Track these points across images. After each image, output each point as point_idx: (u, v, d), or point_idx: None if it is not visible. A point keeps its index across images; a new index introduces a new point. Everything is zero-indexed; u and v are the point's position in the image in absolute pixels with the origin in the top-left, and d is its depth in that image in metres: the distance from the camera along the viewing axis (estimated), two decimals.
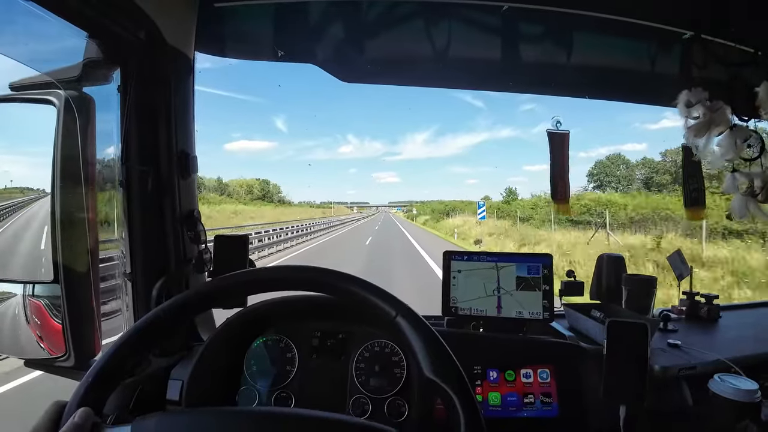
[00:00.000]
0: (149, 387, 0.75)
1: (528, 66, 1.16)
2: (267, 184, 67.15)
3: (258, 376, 0.78)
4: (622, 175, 30.40)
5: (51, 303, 0.72)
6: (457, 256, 0.92)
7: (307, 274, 0.52)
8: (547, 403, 0.77)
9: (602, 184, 31.68)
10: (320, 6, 0.98)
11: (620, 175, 30.63)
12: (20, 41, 0.69)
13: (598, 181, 32.29)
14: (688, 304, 1.17)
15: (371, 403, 0.74)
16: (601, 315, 0.95)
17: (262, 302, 0.75)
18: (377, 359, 0.77)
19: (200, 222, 0.91)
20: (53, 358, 0.72)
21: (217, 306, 0.66)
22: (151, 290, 0.81)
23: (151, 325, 0.48)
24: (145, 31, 0.76)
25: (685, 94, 1.00)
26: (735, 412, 0.69)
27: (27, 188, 0.76)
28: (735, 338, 1.03)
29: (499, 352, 0.81)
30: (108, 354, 0.46)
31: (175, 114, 0.84)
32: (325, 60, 1.08)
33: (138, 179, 0.80)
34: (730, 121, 0.99)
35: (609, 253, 1.14)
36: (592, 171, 33.21)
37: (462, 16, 0.99)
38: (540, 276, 0.89)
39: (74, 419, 0.39)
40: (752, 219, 1.02)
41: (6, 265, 0.77)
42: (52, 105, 0.69)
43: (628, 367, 0.72)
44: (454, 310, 0.91)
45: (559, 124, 1.17)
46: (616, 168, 31.56)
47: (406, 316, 0.47)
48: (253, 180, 64.93)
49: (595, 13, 0.94)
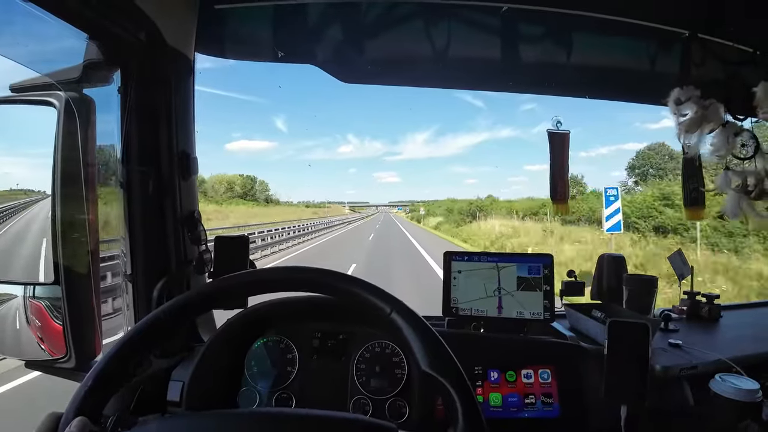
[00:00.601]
0: (150, 388, 0.75)
1: (527, 66, 1.16)
2: (252, 181, 60.73)
3: (259, 377, 0.77)
4: (669, 167, 24.72)
5: (51, 304, 0.72)
6: (457, 257, 0.92)
7: (305, 275, 0.52)
8: (548, 404, 0.77)
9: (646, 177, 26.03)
10: (320, 7, 0.98)
11: (668, 168, 25.10)
12: (20, 43, 0.69)
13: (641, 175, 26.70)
14: (689, 303, 1.17)
15: (372, 403, 0.74)
16: (602, 315, 0.95)
17: (263, 303, 0.75)
18: (378, 360, 0.77)
19: (201, 223, 0.91)
20: (54, 360, 0.72)
21: (218, 307, 0.66)
22: (152, 291, 0.81)
23: (151, 326, 0.48)
24: (145, 32, 0.76)
25: (676, 91, 1.00)
26: (736, 411, 0.69)
27: (28, 190, 0.76)
28: (736, 338, 1.03)
29: (499, 353, 0.81)
30: (108, 357, 0.45)
31: (176, 115, 0.84)
32: (325, 61, 1.08)
33: (138, 180, 0.80)
34: (722, 118, 0.99)
35: (609, 253, 1.14)
36: (634, 164, 27.74)
37: (461, 16, 0.99)
38: (541, 276, 0.89)
39: (70, 429, 0.39)
40: (745, 218, 1.02)
41: (7, 267, 0.77)
42: (53, 106, 0.69)
43: (629, 367, 0.72)
44: (454, 311, 0.90)
45: (559, 124, 1.17)
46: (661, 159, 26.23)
47: (401, 312, 0.47)
48: (236, 176, 58.40)
49: (593, 13, 0.94)
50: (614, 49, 1.12)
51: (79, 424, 0.39)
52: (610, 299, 1.07)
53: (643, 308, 0.99)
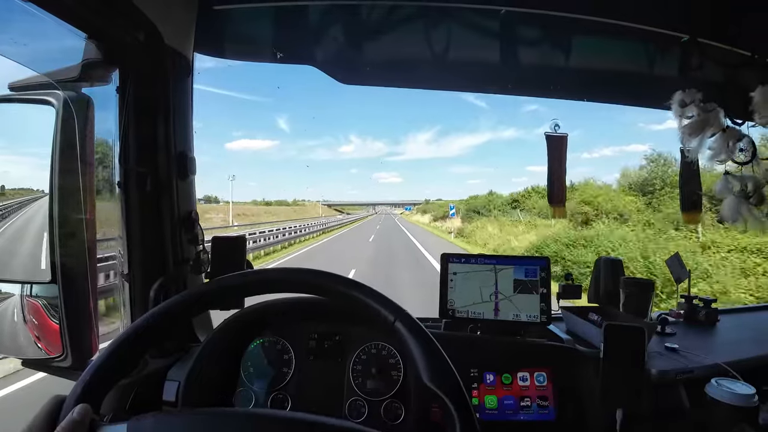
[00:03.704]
0: (145, 388, 0.74)
1: (527, 69, 1.16)
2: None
3: (255, 378, 0.77)
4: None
5: (48, 303, 0.72)
6: (454, 259, 0.92)
7: (305, 277, 0.52)
8: (544, 407, 0.77)
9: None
10: (319, 9, 0.98)
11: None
12: (19, 42, 0.69)
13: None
14: (686, 307, 1.17)
15: (368, 405, 0.74)
16: (599, 318, 0.95)
17: (259, 304, 0.75)
18: (374, 362, 0.77)
19: (198, 223, 0.91)
20: (50, 358, 0.72)
21: (215, 307, 0.66)
22: (149, 291, 0.81)
23: (148, 325, 0.48)
24: (144, 32, 0.76)
25: (679, 94, 1.00)
26: (732, 416, 0.69)
27: (25, 189, 0.76)
28: (733, 342, 1.03)
29: (496, 355, 0.81)
30: (105, 353, 0.46)
31: (174, 115, 0.84)
32: (324, 62, 1.08)
33: (136, 180, 0.80)
34: (723, 123, 0.99)
35: (607, 257, 1.14)
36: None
37: (461, 19, 0.99)
38: (537, 279, 0.89)
39: (72, 415, 0.39)
40: (744, 223, 1.02)
41: (4, 265, 0.77)
42: (51, 106, 0.69)
43: (626, 370, 0.72)
44: (451, 313, 0.90)
45: (557, 126, 1.17)
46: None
47: (405, 322, 0.47)
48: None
49: (592, 17, 0.94)
50: (614, 52, 1.12)
51: (82, 411, 0.39)
52: (607, 302, 1.07)
53: (639, 312, 0.99)
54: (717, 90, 1.00)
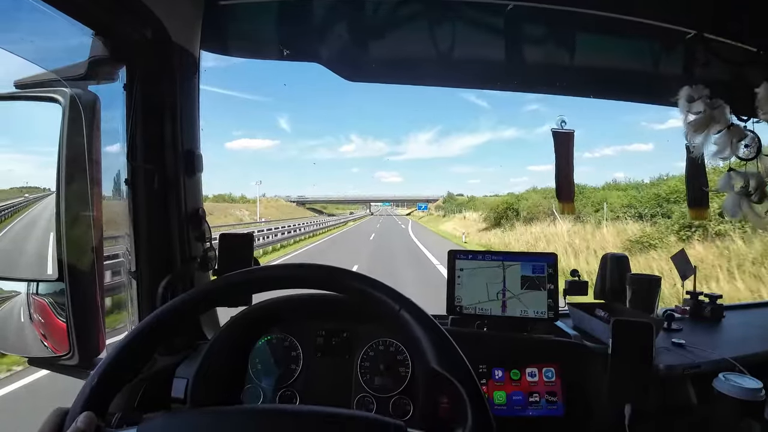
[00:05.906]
0: (154, 385, 0.74)
1: (532, 65, 1.16)
2: None
3: (263, 375, 0.77)
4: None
5: (55, 301, 0.72)
6: (461, 255, 0.92)
7: (311, 272, 0.52)
8: (552, 402, 0.77)
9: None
10: (325, 5, 0.98)
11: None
12: (26, 39, 0.69)
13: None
14: (692, 303, 1.17)
15: (376, 402, 0.74)
16: (606, 314, 0.95)
17: (267, 300, 0.75)
18: (382, 358, 0.77)
19: (205, 220, 0.91)
20: (57, 357, 0.72)
21: (222, 304, 0.66)
22: (156, 288, 0.81)
23: (156, 324, 0.48)
24: (151, 29, 0.76)
25: (686, 89, 1.00)
26: (739, 410, 0.69)
27: (32, 187, 0.76)
28: (739, 337, 1.03)
29: (504, 351, 0.81)
30: (112, 355, 0.45)
31: (181, 112, 0.84)
32: (330, 59, 1.07)
33: (143, 177, 0.80)
34: (728, 120, 0.99)
35: (613, 253, 1.14)
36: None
37: (467, 15, 0.99)
38: (545, 275, 0.89)
39: (77, 425, 0.38)
40: (744, 218, 1.02)
41: (10, 264, 0.76)
42: (58, 103, 0.69)
43: (633, 366, 0.72)
44: (458, 309, 0.91)
45: (564, 123, 1.17)
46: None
47: (409, 309, 0.47)
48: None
49: (598, 11, 0.94)
50: (619, 48, 1.12)
51: (86, 419, 0.39)
52: (613, 299, 1.07)
53: (646, 308, 1.00)
54: (722, 86, 0.99)
